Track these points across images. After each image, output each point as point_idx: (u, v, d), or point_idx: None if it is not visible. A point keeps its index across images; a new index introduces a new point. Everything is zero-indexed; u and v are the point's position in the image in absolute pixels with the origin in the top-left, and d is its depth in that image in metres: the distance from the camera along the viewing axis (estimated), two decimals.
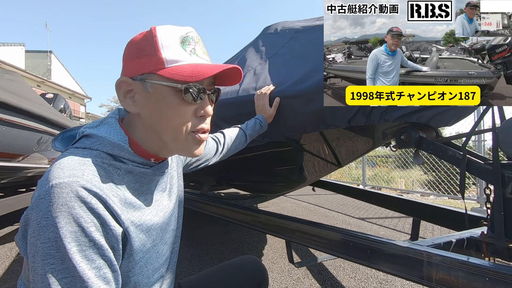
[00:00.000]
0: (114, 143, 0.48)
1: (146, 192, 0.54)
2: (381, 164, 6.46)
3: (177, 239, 0.66)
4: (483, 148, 3.53)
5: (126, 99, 0.51)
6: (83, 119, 21.50)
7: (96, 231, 0.40)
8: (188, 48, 0.49)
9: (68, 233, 0.38)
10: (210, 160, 0.88)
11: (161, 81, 0.48)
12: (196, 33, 0.52)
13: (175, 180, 0.67)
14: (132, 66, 0.50)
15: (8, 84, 2.03)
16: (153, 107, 0.49)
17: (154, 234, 0.53)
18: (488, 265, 0.63)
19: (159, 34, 0.48)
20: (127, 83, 0.50)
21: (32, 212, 0.39)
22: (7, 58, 14.44)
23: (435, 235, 2.42)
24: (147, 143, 0.52)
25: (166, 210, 0.59)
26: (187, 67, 0.47)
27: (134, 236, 0.48)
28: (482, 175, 0.83)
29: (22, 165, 2.02)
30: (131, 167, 0.50)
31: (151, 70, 0.48)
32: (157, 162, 0.55)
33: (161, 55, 0.47)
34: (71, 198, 0.39)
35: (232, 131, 0.98)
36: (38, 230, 0.38)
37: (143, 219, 0.51)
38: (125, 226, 0.45)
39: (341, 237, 0.92)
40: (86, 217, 0.40)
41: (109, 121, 0.52)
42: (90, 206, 0.40)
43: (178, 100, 0.48)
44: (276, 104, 1.08)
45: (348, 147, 1.60)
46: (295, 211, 3.40)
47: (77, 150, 0.46)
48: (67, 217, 0.38)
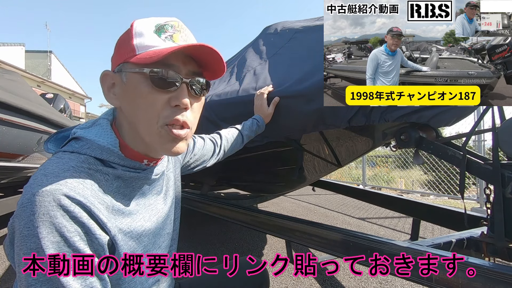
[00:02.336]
0: (103, 147, 0.46)
1: (138, 197, 0.52)
2: (381, 164, 6.46)
3: (173, 241, 0.65)
4: (483, 148, 3.53)
5: (109, 94, 0.50)
6: (83, 119, 21.46)
7: (80, 241, 0.39)
8: (164, 35, 0.46)
9: (50, 244, 0.36)
10: (208, 161, 0.87)
11: (132, 69, 0.46)
12: (180, 22, 0.49)
13: (172, 182, 0.65)
14: (113, 59, 0.49)
15: (8, 84, 2.03)
16: (128, 98, 0.47)
17: (145, 240, 0.52)
18: (488, 265, 0.63)
19: (135, 24, 0.47)
20: (109, 76, 0.49)
21: (16, 220, 0.38)
22: (7, 58, 14.44)
23: (435, 235, 2.42)
24: (134, 142, 0.50)
25: (160, 214, 0.58)
26: (153, 51, 0.44)
27: (122, 244, 0.46)
28: (482, 175, 0.83)
29: (22, 165, 2.02)
30: (120, 172, 0.48)
31: (124, 59, 0.46)
32: (150, 163, 0.53)
33: (132, 42, 0.46)
34: (53, 207, 0.37)
35: (228, 132, 0.97)
36: (21, 240, 0.37)
37: (133, 225, 0.49)
38: (111, 234, 0.44)
39: (341, 237, 0.92)
40: (69, 227, 0.38)
41: (100, 122, 0.51)
42: (74, 215, 0.39)
43: (148, 87, 0.45)
44: (274, 103, 1.08)
45: (348, 147, 1.60)
46: (295, 211, 3.40)
47: (65, 154, 0.45)
48: (49, 227, 0.37)
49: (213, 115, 1.29)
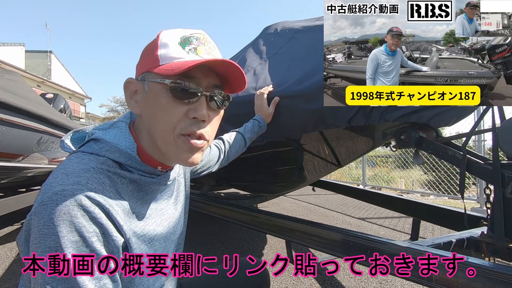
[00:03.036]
0: (121, 150, 0.47)
1: (151, 201, 0.53)
2: (381, 164, 6.46)
3: (179, 246, 0.65)
4: (483, 148, 3.53)
5: (131, 100, 0.50)
6: (83, 119, 21.49)
7: (97, 241, 0.40)
8: (188, 47, 0.47)
9: (69, 243, 0.37)
10: (213, 167, 0.88)
11: (154, 79, 0.46)
12: (205, 35, 0.50)
13: (182, 187, 0.66)
14: (138, 67, 0.50)
15: (8, 84, 2.03)
16: (148, 106, 0.48)
17: (156, 245, 0.53)
18: (488, 265, 0.63)
19: (162, 35, 0.48)
20: (132, 84, 0.50)
21: (34, 217, 0.38)
22: (7, 58, 14.44)
23: (435, 235, 2.42)
24: (151, 149, 0.50)
25: (171, 219, 0.58)
26: (176, 63, 0.45)
27: (136, 247, 0.46)
28: (482, 175, 0.82)
29: (22, 165, 2.02)
30: (136, 176, 0.49)
31: (148, 69, 0.47)
32: (164, 170, 0.53)
33: (157, 53, 0.46)
34: (74, 207, 0.38)
35: (230, 137, 0.98)
36: (39, 238, 0.37)
37: (146, 229, 0.50)
38: (126, 237, 0.45)
39: (341, 237, 0.92)
40: (88, 227, 0.39)
41: (119, 125, 0.51)
42: (93, 216, 0.39)
43: (168, 98, 0.45)
44: (275, 103, 1.08)
45: (348, 147, 1.60)
46: (295, 211, 3.40)
47: (84, 155, 0.45)
48: (69, 226, 0.37)
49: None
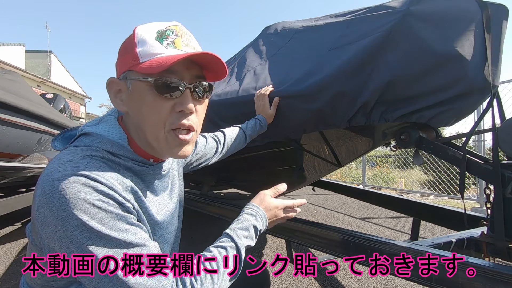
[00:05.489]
0: (113, 141, 0.48)
1: (147, 190, 0.53)
2: (381, 164, 6.46)
3: (177, 239, 0.66)
4: (483, 148, 3.52)
5: (116, 99, 0.51)
6: (83, 119, 21.48)
7: (116, 208, 0.41)
8: (165, 41, 0.47)
9: (91, 215, 0.38)
10: (210, 159, 0.88)
11: (136, 77, 0.46)
12: (181, 26, 0.50)
13: (176, 180, 0.66)
14: (118, 65, 0.50)
15: (8, 84, 2.02)
16: (134, 105, 0.48)
17: (158, 232, 0.54)
18: (488, 265, 0.63)
19: (138, 30, 0.48)
20: (115, 83, 0.50)
21: (44, 210, 0.38)
22: (7, 58, 14.45)
23: (435, 235, 2.42)
24: (141, 143, 0.51)
25: (167, 209, 0.59)
26: (156, 60, 0.45)
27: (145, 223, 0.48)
28: (482, 175, 0.82)
29: (22, 165, 2.02)
30: (130, 164, 0.49)
31: (128, 67, 0.47)
32: (156, 162, 0.54)
33: (136, 51, 0.46)
34: (81, 186, 0.39)
35: (232, 131, 0.98)
36: (61, 223, 0.37)
37: (147, 214, 0.51)
38: (136, 209, 0.46)
39: (341, 237, 0.92)
40: (102, 197, 0.40)
41: (107, 119, 0.52)
42: (101, 190, 0.40)
43: (153, 95, 0.46)
44: (275, 103, 1.08)
45: (348, 147, 1.60)
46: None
47: (77, 148, 0.46)
48: (85, 203, 0.38)
49: (213, 114, 1.29)
